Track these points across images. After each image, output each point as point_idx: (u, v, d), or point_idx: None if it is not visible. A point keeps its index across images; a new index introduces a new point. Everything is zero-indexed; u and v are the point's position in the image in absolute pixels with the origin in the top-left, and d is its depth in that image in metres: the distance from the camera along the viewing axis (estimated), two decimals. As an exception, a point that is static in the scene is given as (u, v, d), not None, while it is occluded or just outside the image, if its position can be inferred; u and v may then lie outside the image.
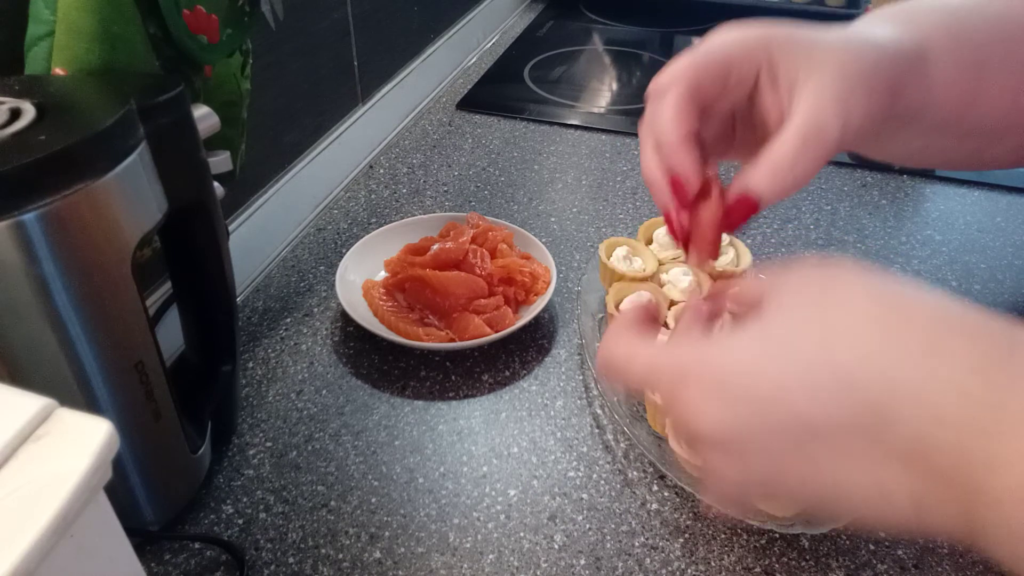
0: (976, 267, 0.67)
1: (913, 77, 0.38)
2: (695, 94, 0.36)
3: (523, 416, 0.53)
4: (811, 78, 0.35)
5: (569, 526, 0.46)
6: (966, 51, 0.40)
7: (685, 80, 0.36)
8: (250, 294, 0.64)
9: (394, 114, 0.89)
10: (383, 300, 0.60)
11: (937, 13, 0.41)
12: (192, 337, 0.49)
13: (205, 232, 0.43)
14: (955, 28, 0.40)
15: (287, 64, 0.67)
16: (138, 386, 0.38)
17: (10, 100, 0.33)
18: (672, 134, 0.35)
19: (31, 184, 0.30)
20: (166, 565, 0.43)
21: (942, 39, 0.40)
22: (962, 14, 0.41)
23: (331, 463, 0.50)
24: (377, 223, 0.72)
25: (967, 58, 0.40)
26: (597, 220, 0.74)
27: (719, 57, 0.37)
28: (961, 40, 0.40)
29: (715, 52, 0.37)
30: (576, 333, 0.60)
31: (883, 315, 0.28)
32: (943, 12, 0.41)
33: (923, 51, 0.38)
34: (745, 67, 0.37)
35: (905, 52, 0.38)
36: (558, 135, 0.89)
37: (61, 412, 0.22)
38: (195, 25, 0.43)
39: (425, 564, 0.43)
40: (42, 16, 0.39)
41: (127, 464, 0.40)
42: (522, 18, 1.26)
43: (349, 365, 0.57)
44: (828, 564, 0.43)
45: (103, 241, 0.34)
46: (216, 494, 0.47)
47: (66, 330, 0.33)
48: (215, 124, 0.42)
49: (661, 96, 0.37)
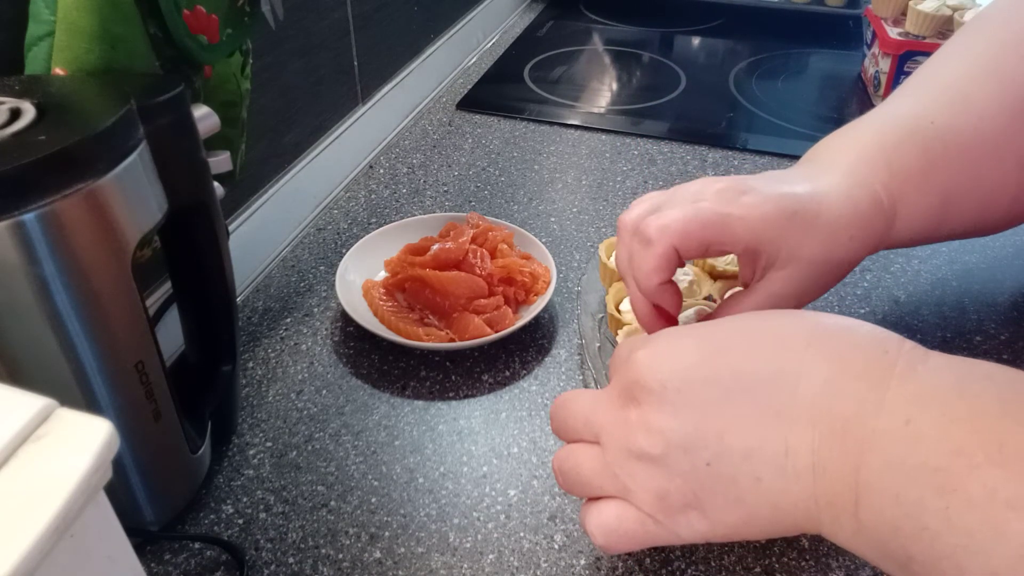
0: (976, 267, 0.67)
1: (885, 229, 0.44)
2: (675, 254, 0.41)
3: (523, 416, 0.53)
4: (787, 266, 0.41)
5: (569, 526, 0.46)
6: (934, 191, 0.45)
7: (669, 240, 0.41)
8: (250, 294, 0.64)
9: (394, 114, 0.89)
10: (383, 300, 0.60)
11: (914, 155, 0.45)
12: (192, 337, 0.49)
13: (205, 232, 0.43)
14: (927, 169, 0.45)
15: (287, 64, 0.67)
16: (138, 386, 0.38)
17: (10, 100, 0.33)
18: (653, 282, 0.42)
19: (31, 184, 0.30)
20: (166, 565, 0.43)
21: (914, 184, 0.44)
22: (934, 152, 0.45)
23: (331, 463, 0.50)
24: (377, 223, 0.72)
25: (935, 197, 0.45)
26: (597, 220, 0.74)
27: (700, 232, 0.41)
28: (931, 182, 0.45)
29: (698, 224, 0.41)
30: (576, 333, 0.60)
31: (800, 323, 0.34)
32: (920, 152, 0.45)
33: (896, 204, 0.43)
34: (727, 244, 0.41)
35: (883, 210, 0.43)
36: (558, 135, 0.89)
37: (61, 412, 0.22)
38: (195, 25, 0.43)
39: (425, 564, 0.44)
40: (42, 16, 0.39)
41: (127, 464, 0.40)
42: (522, 18, 1.26)
43: (349, 365, 0.57)
44: (828, 564, 0.43)
45: (103, 241, 0.34)
46: (216, 494, 0.47)
47: (66, 330, 0.33)
48: (215, 124, 0.42)
49: (645, 245, 0.42)
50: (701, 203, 0.41)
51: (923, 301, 0.63)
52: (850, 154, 0.45)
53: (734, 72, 1.06)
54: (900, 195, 0.44)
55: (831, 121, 0.93)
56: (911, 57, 0.90)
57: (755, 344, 0.33)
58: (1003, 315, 0.62)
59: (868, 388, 0.29)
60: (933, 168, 0.45)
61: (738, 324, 0.35)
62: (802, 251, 0.41)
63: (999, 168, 0.46)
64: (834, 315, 0.33)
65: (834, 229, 0.41)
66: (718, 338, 0.34)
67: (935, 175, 0.45)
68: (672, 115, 0.94)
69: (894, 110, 0.48)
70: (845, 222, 0.41)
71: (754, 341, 0.33)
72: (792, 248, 0.41)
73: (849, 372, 0.30)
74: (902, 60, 0.90)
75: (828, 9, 1.19)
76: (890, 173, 0.44)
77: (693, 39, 1.19)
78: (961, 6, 0.90)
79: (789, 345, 0.32)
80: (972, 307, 0.62)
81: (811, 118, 0.94)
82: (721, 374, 0.32)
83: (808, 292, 0.42)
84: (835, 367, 0.30)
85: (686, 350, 0.34)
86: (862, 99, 0.99)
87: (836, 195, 0.42)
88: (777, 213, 0.40)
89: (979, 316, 0.61)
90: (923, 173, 0.44)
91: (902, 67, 0.91)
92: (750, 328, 0.34)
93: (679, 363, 0.33)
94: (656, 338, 0.35)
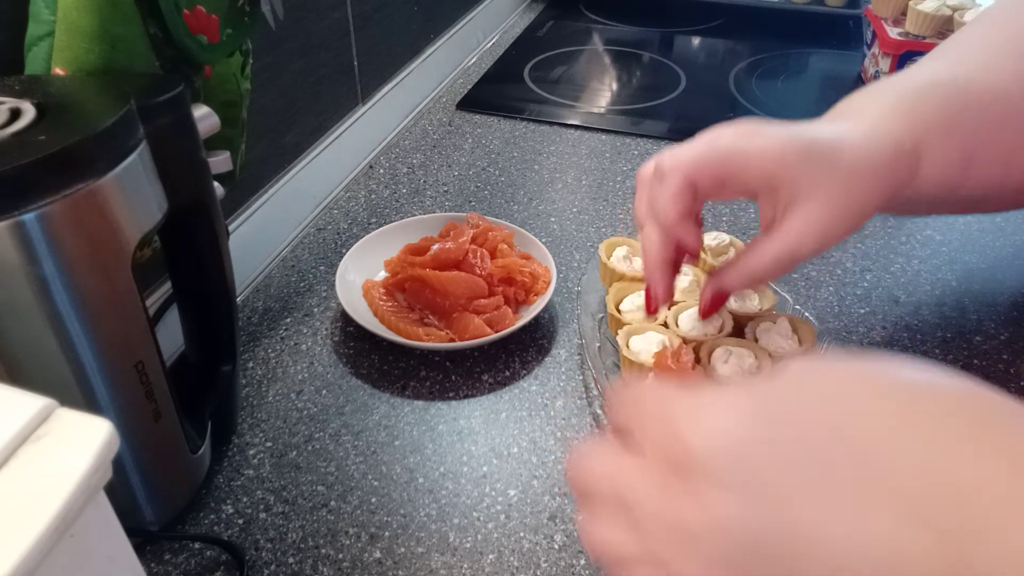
0: (976, 267, 0.67)
1: (908, 177, 0.42)
2: (691, 186, 0.41)
3: (523, 416, 0.53)
4: (807, 202, 0.40)
5: (569, 526, 0.46)
6: (956, 143, 0.44)
7: (684, 171, 0.41)
8: (250, 294, 0.64)
9: (394, 114, 0.89)
10: (383, 300, 0.60)
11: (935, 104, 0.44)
12: (192, 337, 0.49)
13: (205, 232, 0.43)
14: (949, 120, 0.44)
15: (287, 64, 0.67)
16: (138, 386, 0.38)
17: (10, 100, 0.33)
18: (671, 215, 0.41)
19: (31, 184, 0.30)
20: (166, 565, 0.43)
21: (937, 134, 0.43)
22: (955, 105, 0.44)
23: (331, 463, 0.50)
24: (377, 223, 0.72)
25: (956, 149, 0.44)
26: (597, 220, 0.74)
27: (716, 165, 0.41)
28: (953, 134, 0.44)
29: (715, 157, 0.41)
30: (576, 333, 0.60)
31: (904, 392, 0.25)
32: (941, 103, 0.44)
33: (919, 150, 0.43)
34: (743, 178, 0.41)
35: (905, 155, 0.42)
36: (558, 135, 0.89)
37: (61, 412, 0.22)
38: (195, 25, 0.43)
39: (425, 564, 0.43)
40: (42, 16, 0.39)
41: (127, 464, 0.40)
42: (522, 18, 1.26)
43: (349, 365, 0.57)
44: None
45: (103, 241, 0.34)
46: (216, 494, 0.47)
47: (66, 330, 0.33)
48: (215, 124, 0.42)
49: (661, 179, 0.41)
50: (718, 140, 0.42)
51: (923, 301, 0.63)
52: (871, 106, 0.45)
53: (734, 72, 1.06)
54: (923, 143, 0.43)
55: (831, 121, 0.93)
56: (911, 57, 0.90)
57: (827, 402, 0.26)
58: (1003, 315, 0.62)
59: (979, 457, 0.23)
60: (955, 121, 0.44)
61: (801, 375, 0.27)
62: (821, 189, 0.40)
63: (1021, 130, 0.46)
64: (906, 361, 0.26)
65: (855, 169, 0.40)
66: (778, 394, 0.27)
67: (957, 128, 0.44)
68: (672, 115, 0.94)
69: (916, 71, 0.48)
70: (867, 161, 0.40)
71: (826, 397, 0.26)
72: (811, 185, 0.40)
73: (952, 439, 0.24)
74: (902, 60, 0.90)
75: (828, 9, 1.19)
76: (912, 120, 0.43)
77: (693, 39, 1.19)
78: (961, 6, 0.90)
79: (870, 404, 0.25)
80: (972, 307, 0.62)
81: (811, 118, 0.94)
82: (786, 440, 0.25)
83: (829, 234, 0.41)
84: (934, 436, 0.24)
85: (740, 411, 0.27)
86: (862, 99, 0.99)
87: (858, 138, 0.41)
88: (796, 149, 0.40)
89: (979, 316, 0.61)
90: (945, 124, 0.44)
91: (902, 67, 0.90)
92: (817, 381, 0.27)
93: (733, 428, 0.26)
94: (699, 393, 0.28)
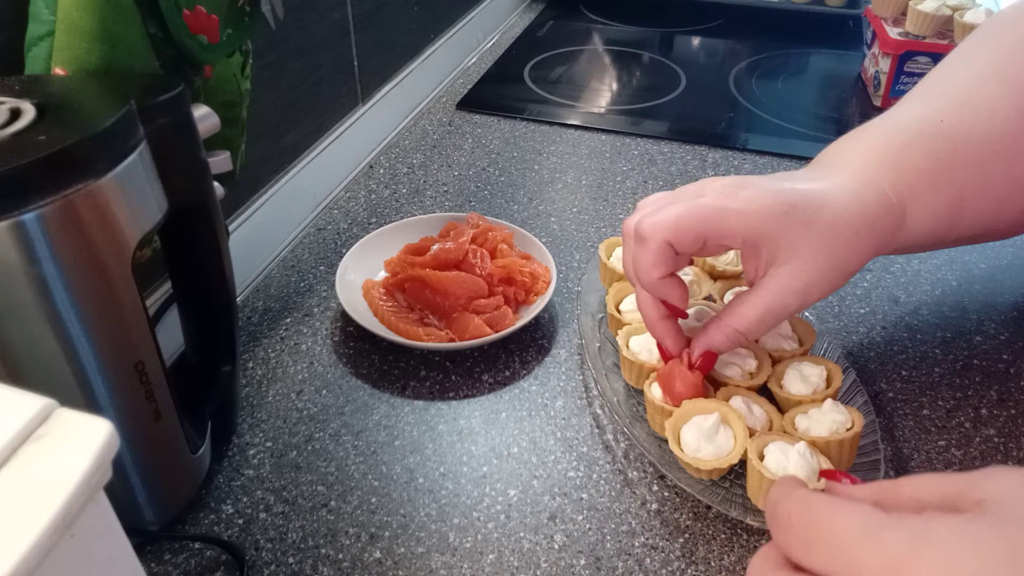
0: (976, 267, 0.67)
1: (894, 230, 0.43)
2: (671, 248, 0.41)
3: (523, 416, 0.53)
4: (789, 261, 0.41)
5: (569, 526, 0.46)
6: (944, 192, 0.44)
7: (663, 235, 0.41)
8: (250, 294, 0.64)
9: (394, 114, 0.89)
10: (383, 300, 0.60)
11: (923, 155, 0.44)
12: (192, 337, 0.49)
13: (205, 232, 0.43)
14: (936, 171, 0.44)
15: (287, 64, 0.67)
16: (138, 386, 0.38)
17: (10, 100, 0.33)
18: (652, 278, 0.43)
19: (31, 184, 0.30)
20: (166, 565, 0.43)
21: (924, 185, 0.44)
22: (942, 154, 0.45)
23: (331, 463, 0.50)
24: (377, 223, 0.72)
25: (945, 198, 0.44)
26: (597, 220, 0.74)
27: (696, 226, 0.41)
28: (941, 184, 0.44)
29: (695, 219, 0.41)
30: (576, 333, 0.60)
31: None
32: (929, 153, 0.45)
33: (906, 203, 0.43)
34: (725, 239, 0.41)
35: (891, 210, 0.42)
36: (558, 135, 0.89)
37: (61, 412, 0.22)
38: (195, 25, 0.43)
39: (425, 564, 0.44)
40: (42, 16, 0.39)
41: (127, 464, 0.40)
42: (522, 18, 1.26)
43: (349, 365, 0.57)
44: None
45: (103, 241, 0.34)
46: (216, 494, 0.47)
47: (66, 330, 0.33)
48: (215, 124, 0.42)
49: (641, 243, 0.42)
50: (699, 199, 0.41)
51: (923, 301, 0.63)
52: (856, 156, 0.45)
53: (734, 72, 1.06)
54: (909, 194, 0.43)
55: (831, 121, 0.93)
56: (911, 57, 0.90)
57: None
58: (1003, 315, 0.62)
59: None
60: (942, 167, 0.44)
61: None
62: (803, 246, 0.40)
63: (1010, 169, 0.46)
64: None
65: (837, 226, 0.40)
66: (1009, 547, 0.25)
67: (945, 174, 0.44)
68: (672, 115, 0.94)
69: (901, 114, 0.48)
70: (849, 218, 0.41)
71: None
72: (792, 242, 0.40)
73: None
74: (902, 60, 0.90)
75: (828, 9, 1.19)
76: (898, 172, 0.43)
77: (693, 39, 1.19)
78: (961, 6, 0.90)
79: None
80: (972, 307, 0.62)
81: (811, 118, 0.94)
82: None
83: (812, 291, 0.41)
84: None
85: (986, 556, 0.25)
86: (862, 99, 0.99)
87: (841, 192, 0.41)
88: (776, 207, 0.40)
89: (979, 316, 0.61)
90: (932, 172, 0.44)
91: (902, 67, 0.91)
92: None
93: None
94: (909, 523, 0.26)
